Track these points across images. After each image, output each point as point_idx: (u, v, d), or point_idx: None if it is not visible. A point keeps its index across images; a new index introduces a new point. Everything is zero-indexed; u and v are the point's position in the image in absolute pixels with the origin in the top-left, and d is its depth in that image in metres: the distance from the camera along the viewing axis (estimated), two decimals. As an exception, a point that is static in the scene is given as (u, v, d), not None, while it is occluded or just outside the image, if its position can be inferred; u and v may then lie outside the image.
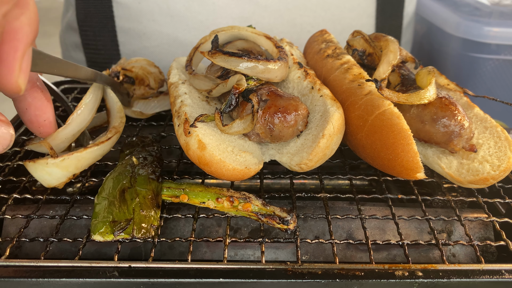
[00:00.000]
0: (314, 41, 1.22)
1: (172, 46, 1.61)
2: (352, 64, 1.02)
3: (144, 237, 0.78)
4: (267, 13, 1.60)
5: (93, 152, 0.92)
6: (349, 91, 0.94)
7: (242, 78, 0.90)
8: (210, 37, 1.07)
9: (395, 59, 0.98)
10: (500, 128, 0.94)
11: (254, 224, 0.93)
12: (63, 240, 0.81)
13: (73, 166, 0.89)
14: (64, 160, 0.87)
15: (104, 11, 1.58)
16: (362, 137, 0.90)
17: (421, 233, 0.92)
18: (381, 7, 1.66)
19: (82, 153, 0.89)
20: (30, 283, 0.72)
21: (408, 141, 0.83)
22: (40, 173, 0.87)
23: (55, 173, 0.87)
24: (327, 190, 0.93)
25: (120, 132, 1.00)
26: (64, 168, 0.87)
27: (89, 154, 0.91)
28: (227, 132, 0.88)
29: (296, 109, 0.86)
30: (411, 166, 0.84)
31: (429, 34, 1.81)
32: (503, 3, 1.73)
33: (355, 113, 0.91)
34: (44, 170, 0.86)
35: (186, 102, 0.97)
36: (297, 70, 1.03)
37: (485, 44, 1.56)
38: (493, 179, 0.87)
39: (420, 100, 0.86)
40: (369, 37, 1.08)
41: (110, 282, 0.72)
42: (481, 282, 0.73)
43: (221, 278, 0.72)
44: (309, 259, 0.90)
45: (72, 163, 0.88)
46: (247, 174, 0.86)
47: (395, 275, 0.73)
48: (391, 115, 0.85)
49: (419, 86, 0.92)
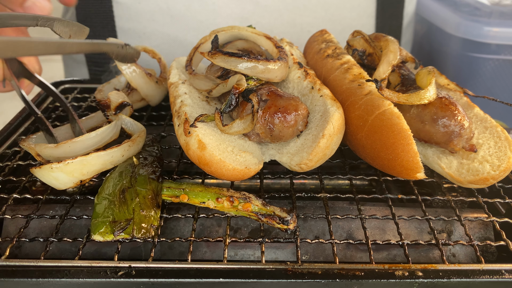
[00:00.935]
0: (314, 41, 1.22)
1: (172, 46, 1.61)
2: (352, 64, 1.02)
3: (144, 237, 0.78)
4: (267, 13, 1.60)
5: (100, 157, 0.87)
6: (349, 91, 0.94)
7: (242, 78, 0.90)
8: (210, 37, 1.07)
9: (395, 59, 0.98)
10: (500, 128, 0.94)
11: (254, 224, 0.93)
12: (63, 240, 0.81)
13: (78, 171, 0.86)
14: (69, 164, 0.84)
15: (104, 11, 1.58)
16: (362, 137, 0.90)
17: (421, 233, 0.92)
18: (381, 7, 1.66)
19: (87, 157, 0.86)
20: (30, 283, 0.72)
21: (408, 141, 0.83)
22: (47, 178, 0.86)
23: (61, 178, 0.85)
24: (327, 190, 0.93)
25: (135, 142, 0.94)
26: (69, 173, 0.85)
27: (95, 159, 0.87)
28: (227, 132, 0.88)
29: (296, 109, 0.86)
30: (411, 166, 0.84)
31: (429, 34, 1.81)
32: (503, 3, 1.73)
33: (355, 113, 0.91)
34: (50, 176, 0.85)
35: (186, 102, 0.97)
36: (297, 70, 1.03)
37: (485, 44, 1.55)
38: (493, 179, 0.87)
39: (420, 100, 0.86)
40: (369, 37, 1.08)
41: (110, 282, 0.73)
42: (481, 282, 0.73)
43: (221, 278, 0.72)
44: (309, 259, 0.90)
45: (77, 167, 0.86)
46: (247, 174, 0.86)
47: (395, 275, 0.73)
48: (391, 115, 0.85)
49: (419, 86, 0.92)
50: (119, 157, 0.91)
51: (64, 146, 0.86)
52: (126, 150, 0.92)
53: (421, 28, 1.91)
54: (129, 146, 0.93)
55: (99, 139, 0.89)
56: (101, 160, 0.88)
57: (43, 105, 1.29)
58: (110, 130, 0.91)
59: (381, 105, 0.87)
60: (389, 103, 0.87)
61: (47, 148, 0.87)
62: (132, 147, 0.93)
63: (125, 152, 0.92)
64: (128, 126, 1.01)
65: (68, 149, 0.86)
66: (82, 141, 0.87)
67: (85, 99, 1.34)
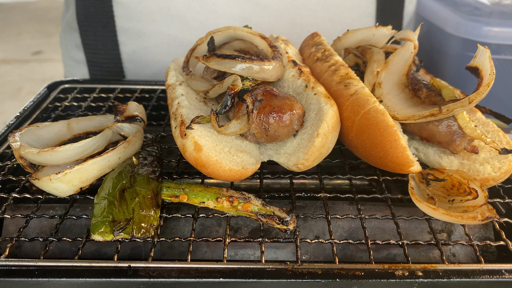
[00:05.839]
0: (306, 45, 1.22)
1: (172, 46, 1.61)
2: (340, 65, 1.02)
3: (144, 236, 0.78)
4: (267, 13, 1.60)
5: (97, 163, 0.87)
6: (337, 93, 0.94)
7: (238, 78, 0.90)
8: (206, 38, 1.07)
9: (380, 66, 0.99)
10: (502, 133, 0.95)
11: (254, 224, 0.93)
12: (62, 239, 0.81)
13: (77, 179, 0.86)
14: (66, 174, 0.84)
15: (104, 11, 1.58)
16: (353, 138, 0.90)
17: (421, 233, 0.92)
18: (381, 7, 1.66)
19: (84, 165, 0.86)
20: (30, 282, 0.72)
21: (395, 137, 0.83)
22: (47, 188, 0.85)
23: (61, 187, 0.85)
24: (327, 190, 0.93)
25: (130, 143, 0.94)
26: (68, 182, 0.85)
27: (92, 166, 0.87)
28: (224, 133, 0.88)
29: (291, 109, 0.86)
30: (401, 161, 0.84)
31: (429, 34, 1.81)
32: (503, 3, 1.73)
33: (343, 114, 0.91)
34: (50, 186, 0.85)
35: (183, 103, 0.96)
36: (291, 69, 1.02)
37: (485, 44, 1.55)
38: (494, 181, 0.87)
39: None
40: (358, 52, 1.09)
41: (110, 282, 0.72)
42: (481, 282, 0.73)
43: (221, 278, 0.72)
44: (309, 259, 0.90)
45: (75, 176, 0.85)
46: (244, 174, 0.86)
47: (395, 275, 0.73)
48: (375, 112, 0.85)
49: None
50: (116, 160, 0.91)
51: (45, 154, 0.85)
52: (122, 152, 0.92)
53: (421, 28, 1.91)
54: (125, 148, 0.92)
55: (81, 150, 0.88)
56: (97, 166, 0.88)
57: (43, 105, 1.29)
58: (93, 143, 0.91)
59: (366, 104, 0.87)
60: (374, 100, 0.87)
61: (29, 153, 0.86)
62: (128, 148, 0.93)
63: (121, 155, 0.91)
64: (126, 131, 1.01)
65: (49, 157, 0.86)
66: (63, 151, 0.86)
67: (85, 99, 1.34)
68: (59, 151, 0.86)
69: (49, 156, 0.86)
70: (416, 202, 0.82)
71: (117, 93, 1.37)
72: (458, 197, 0.81)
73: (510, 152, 0.87)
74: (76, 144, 0.88)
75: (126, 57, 1.63)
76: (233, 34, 1.07)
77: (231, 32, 1.06)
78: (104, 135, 0.93)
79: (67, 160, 0.87)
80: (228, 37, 1.08)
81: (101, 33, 1.60)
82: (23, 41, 5.30)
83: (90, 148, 0.90)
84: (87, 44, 1.64)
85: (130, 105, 1.06)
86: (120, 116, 1.02)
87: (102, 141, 0.92)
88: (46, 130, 0.99)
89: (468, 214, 0.77)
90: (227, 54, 0.92)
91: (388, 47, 1.10)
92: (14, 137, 0.93)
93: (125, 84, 1.44)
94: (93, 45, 1.63)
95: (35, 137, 0.96)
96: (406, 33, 1.02)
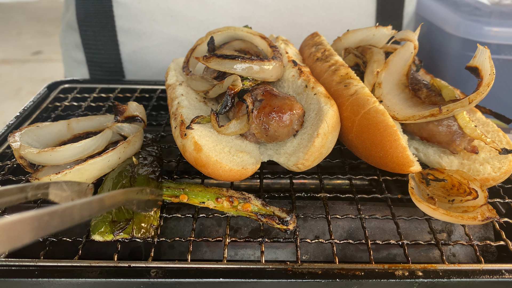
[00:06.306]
0: (305, 45, 1.22)
1: (172, 46, 1.61)
2: (340, 65, 1.02)
3: (144, 237, 0.78)
4: (267, 13, 1.60)
5: (97, 163, 0.88)
6: (337, 93, 0.94)
7: (238, 78, 0.90)
8: (206, 38, 1.07)
9: (380, 66, 0.99)
10: (502, 133, 0.95)
11: (254, 224, 0.93)
12: (62, 239, 0.81)
13: (77, 179, 0.86)
14: (66, 174, 0.84)
15: (104, 11, 1.58)
16: (353, 138, 0.90)
17: (421, 233, 0.92)
18: (381, 7, 1.66)
19: (84, 165, 0.86)
20: (29, 282, 0.72)
21: (395, 137, 0.83)
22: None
23: None
24: (327, 190, 0.93)
25: (130, 143, 0.94)
26: None
27: (92, 166, 0.87)
28: (224, 133, 0.88)
29: (291, 109, 0.86)
30: (401, 161, 0.84)
31: (429, 34, 1.81)
32: (503, 3, 1.73)
33: (343, 114, 0.91)
34: None
35: (183, 103, 0.96)
36: (291, 69, 1.02)
37: (485, 44, 1.55)
38: (494, 181, 0.87)
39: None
40: (358, 52, 1.09)
41: (110, 282, 0.72)
42: (481, 282, 0.73)
43: (221, 278, 0.72)
44: (309, 259, 0.90)
45: (75, 176, 0.85)
46: (244, 174, 0.86)
47: (395, 275, 0.73)
48: (375, 112, 0.85)
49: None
50: (116, 160, 0.91)
51: (45, 154, 0.86)
52: (122, 152, 0.92)
53: (421, 28, 1.91)
54: (125, 148, 0.92)
55: (81, 150, 0.89)
56: (97, 166, 0.88)
57: (43, 105, 1.29)
58: (93, 143, 0.91)
59: (365, 104, 0.87)
60: (374, 100, 0.87)
61: (29, 153, 0.86)
62: (128, 148, 0.93)
63: (121, 155, 0.92)
64: (126, 131, 1.01)
65: (49, 157, 0.86)
66: (63, 151, 0.87)
67: (85, 99, 1.34)
68: (59, 151, 0.86)
69: (49, 156, 0.86)
70: (416, 202, 0.82)
71: (117, 93, 1.37)
72: (458, 197, 0.81)
73: (510, 152, 0.87)
74: (76, 144, 0.88)
75: (126, 57, 1.63)
76: (233, 34, 1.07)
77: (231, 32, 1.06)
78: (104, 135, 0.93)
79: (67, 160, 0.87)
80: (228, 37, 1.08)
81: (101, 33, 1.61)
82: (23, 41, 5.30)
83: (90, 148, 0.90)
84: (87, 44, 1.64)
85: (130, 105, 1.06)
86: (120, 116, 1.03)
87: (102, 141, 0.92)
88: (46, 130, 0.99)
89: (468, 214, 0.77)
90: (227, 54, 0.92)
91: (388, 47, 1.10)
92: (14, 137, 0.92)
93: (125, 84, 1.44)
94: (93, 45, 1.63)
95: (35, 137, 0.96)
96: (406, 33, 1.02)
